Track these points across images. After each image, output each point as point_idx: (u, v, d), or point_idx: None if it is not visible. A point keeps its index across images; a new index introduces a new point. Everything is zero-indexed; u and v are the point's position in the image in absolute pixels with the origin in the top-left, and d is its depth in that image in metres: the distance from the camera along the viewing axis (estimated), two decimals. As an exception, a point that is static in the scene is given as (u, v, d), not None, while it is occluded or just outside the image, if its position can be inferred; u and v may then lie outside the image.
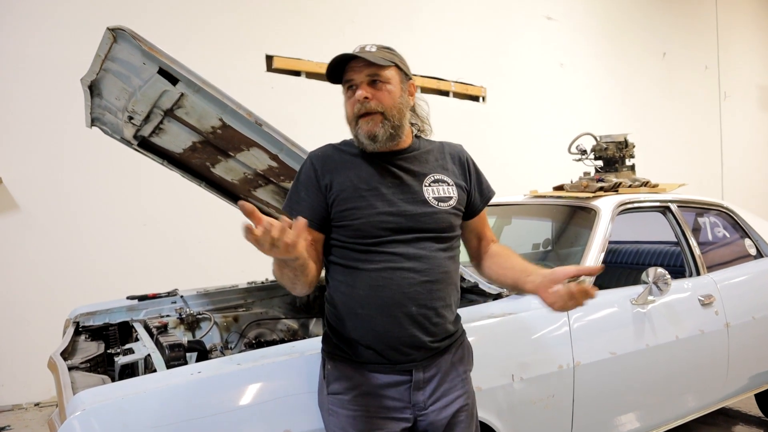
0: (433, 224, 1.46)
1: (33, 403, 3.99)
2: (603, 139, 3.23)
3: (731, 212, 3.21)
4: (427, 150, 1.56)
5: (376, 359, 1.43)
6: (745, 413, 3.52)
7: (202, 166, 2.49)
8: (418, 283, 1.41)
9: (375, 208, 1.43)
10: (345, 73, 1.48)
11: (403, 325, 1.41)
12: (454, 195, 1.51)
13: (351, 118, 1.48)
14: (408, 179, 1.48)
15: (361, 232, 1.43)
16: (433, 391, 1.46)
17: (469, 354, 1.59)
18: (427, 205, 1.46)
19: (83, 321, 2.59)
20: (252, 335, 2.77)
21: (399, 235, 1.43)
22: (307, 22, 5.15)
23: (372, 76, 1.44)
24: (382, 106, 1.44)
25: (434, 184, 1.50)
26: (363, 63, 1.44)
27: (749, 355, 2.84)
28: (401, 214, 1.43)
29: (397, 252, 1.42)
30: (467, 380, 1.54)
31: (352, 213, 1.43)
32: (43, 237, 4.05)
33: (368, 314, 1.42)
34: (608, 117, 7.36)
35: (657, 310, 2.43)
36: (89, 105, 2.20)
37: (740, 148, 9.44)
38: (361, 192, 1.44)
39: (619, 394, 2.30)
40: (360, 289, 1.43)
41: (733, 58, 9.44)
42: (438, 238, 1.47)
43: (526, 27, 6.84)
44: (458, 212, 1.53)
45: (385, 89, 1.45)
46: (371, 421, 1.42)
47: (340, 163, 1.49)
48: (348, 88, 1.48)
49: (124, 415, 1.39)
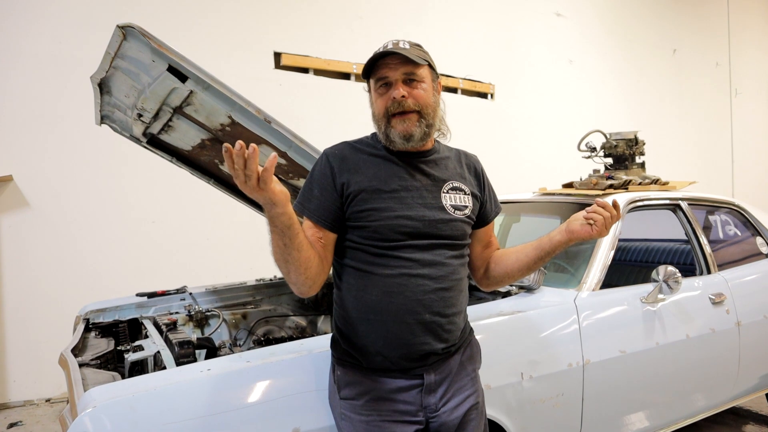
0: (449, 232, 1.45)
1: (44, 399, 4.02)
2: (613, 137, 3.21)
3: (742, 210, 3.18)
4: (447, 156, 1.56)
5: (386, 366, 1.42)
6: (756, 412, 3.50)
7: (210, 163, 2.50)
8: (432, 291, 1.40)
9: (394, 211, 1.41)
10: (378, 69, 1.44)
11: (415, 332, 1.39)
12: (469, 204, 1.51)
13: (382, 115, 1.44)
14: (428, 184, 1.47)
15: (378, 234, 1.41)
16: (444, 392, 1.45)
17: (477, 352, 1.59)
18: (444, 212, 1.46)
19: (93, 318, 2.61)
20: (261, 332, 2.77)
21: (415, 240, 1.41)
22: (314, 18, 5.15)
23: (408, 74, 1.43)
24: (419, 105, 1.43)
25: (452, 191, 1.49)
26: (398, 60, 1.42)
27: (760, 354, 2.82)
28: (420, 219, 1.42)
29: (412, 258, 1.40)
30: (476, 378, 1.54)
31: (371, 214, 1.41)
32: (53, 234, 4.07)
33: (380, 320, 1.40)
34: (618, 114, 7.31)
35: (667, 308, 2.41)
36: (99, 102, 2.21)
37: (751, 146, 9.36)
38: (381, 193, 1.42)
39: (629, 392, 2.29)
40: (372, 294, 1.40)
41: (744, 54, 9.35)
42: (452, 246, 1.47)
43: (535, 23, 6.80)
44: (471, 221, 1.53)
45: (420, 88, 1.44)
46: (384, 426, 1.41)
47: (358, 163, 1.46)
48: (381, 85, 1.45)
49: (135, 413, 1.40)
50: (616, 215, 1.48)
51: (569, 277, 2.39)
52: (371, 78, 1.47)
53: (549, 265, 2.50)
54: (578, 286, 2.26)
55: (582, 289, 2.24)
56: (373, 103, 1.48)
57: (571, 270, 2.46)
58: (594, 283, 2.27)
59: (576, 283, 2.28)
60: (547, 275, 2.32)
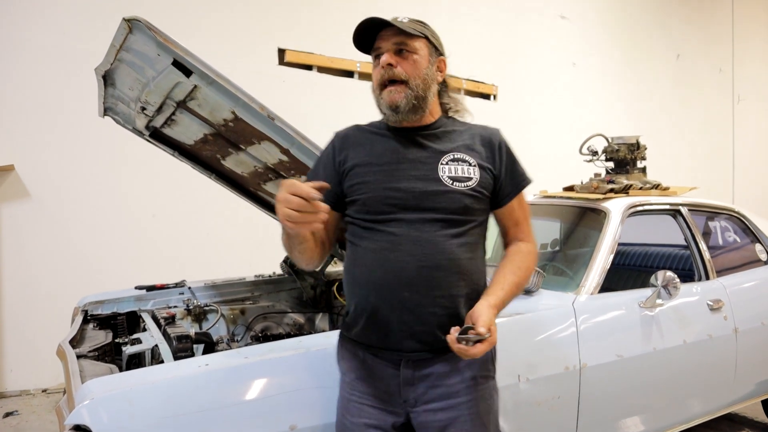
0: (443, 204, 1.38)
1: (41, 389, 4.02)
2: (615, 141, 3.21)
3: (742, 217, 3.18)
4: (454, 129, 1.50)
5: (367, 340, 1.42)
6: (752, 419, 3.50)
7: (212, 158, 2.50)
8: (414, 268, 1.35)
9: (382, 183, 1.41)
10: (375, 42, 1.47)
11: (394, 309, 1.37)
12: (474, 176, 1.42)
13: (376, 86, 1.46)
14: (424, 156, 1.43)
15: (365, 207, 1.42)
16: (426, 390, 1.40)
17: (482, 361, 1.44)
18: (440, 183, 1.39)
19: (92, 309, 2.61)
20: (258, 328, 2.78)
21: (403, 213, 1.38)
22: (319, 16, 5.14)
23: (399, 44, 1.43)
24: (406, 74, 1.41)
25: (453, 162, 1.42)
26: (392, 32, 1.44)
27: (757, 361, 2.82)
28: (409, 191, 1.39)
29: (396, 233, 1.38)
30: (476, 388, 1.42)
31: (360, 187, 1.43)
32: (53, 225, 4.07)
33: (364, 294, 1.41)
34: (620, 118, 7.30)
35: (665, 313, 2.41)
36: (102, 95, 2.22)
37: (753, 152, 9.35)
38: (372, 167, 1.43)
39: (625, 396, 2.29)
40: (358, 267, 1.43)
41: (747, 61, 9.34)
42: (449, 221, 1.38)
43: (539, 25, 6.79)
44: (479, 195, 1.42)
45: (411, 58, 1.43)
46: (362, 408, 1.42)
47: (359, 140, 1.49)
48: (376, 56, 1.47)
49: (132, 406, 1.40)
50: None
51: (568, 281, 2.39)
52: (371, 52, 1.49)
53: (548, 268, 2.51)
54: (577, 289, 2.26)
55: (580, 293, 2.24)
56: (372, 76, 1.49)
57: (569, 273, 2.46)
58: (593, 286, 2.27)
59: (575, 287, 2.28)
60: (546, 278, 2.33)
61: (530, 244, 1.53)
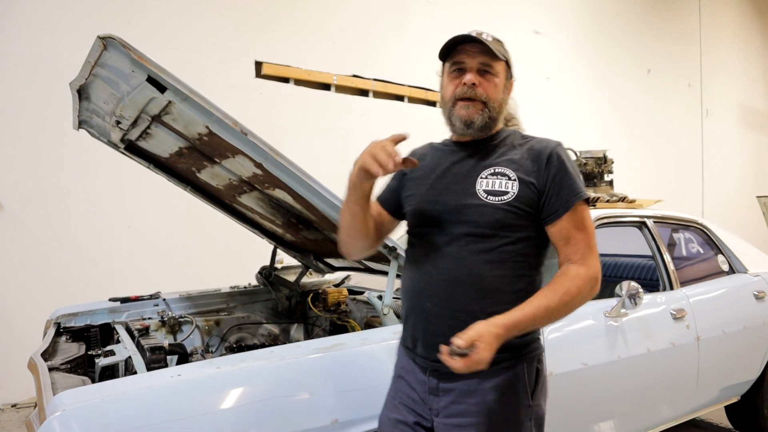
0: (473, 218, 1.37)
1: (10, 405, 3.96)
2: (583, 155, 3.31)
3: (706, 229, 3.29)
4: (502, 142, 1.48)
5: (407, 344, 1.51)
6: (716, 425, 3.60)
7: (188, 170, 2.52)
8: (435, 281, 1.40)
9: (425, 196, 1.47)
10: (455, 54, 1.45)
11: (421, 318, 1.44)
12: (512, 190, 1.37)
13: (449, 98, 1.46)
14: (467, 170, 1.44)
15: (411, 219, 1.51)
16: (449, 404, 1.40)
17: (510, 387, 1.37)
18: (475, 197, 1.38)
19: (65, 322, 2.60)
20: (233, 339, 2.79)
21: (436, 228, 1.42)
22: (296, 29, 5.20)
23: (484, 65, 1.43)
24: (487, 96, 1.43)
25: (492, 176, 1.40)
26: (477, 49, 1.43)
27: (720, 368, 2.91)
28: (445, 204, 1.42)
29: (429, 245, 1.44)
30: (485, 413, 1.36)
31: (409, 199, 1.52)
32: (26, 237, 4.03)
33: (405, 300, 1.51)
34: (592, 131, 7.47)
35: (630, 323, 2.49)
36: (77, 108, 2.23)
37: (721, 165, 9.62)
38: (422, 180, 1.50)
39: (591, 403, 2.36)
40: (403, 274, 1.54)
41: (715, 76, 9.64)
42: (479, 236, 1.36)
43: (514, 40, 6.88)
44: (516, 210, 1.36)
45: (493, 81, 1.44)
46: (395, 405, 1.50)
47: (422, 155, 1.56)
48: (455, 69, 1.46)
49: (104, 417, 1.41)
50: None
51: (536, 291, 2.44)
52: (447, 61, 1.48)
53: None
54: (544, 299, 2.32)
55: (548, 303, 2.30)
56: (443, 87, 1.50)
57: (538, 283, 2.52)
58: (560, 296, 2.33)
59: (542, 297, 2.34)
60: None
61: (582, 267, 1.36)
